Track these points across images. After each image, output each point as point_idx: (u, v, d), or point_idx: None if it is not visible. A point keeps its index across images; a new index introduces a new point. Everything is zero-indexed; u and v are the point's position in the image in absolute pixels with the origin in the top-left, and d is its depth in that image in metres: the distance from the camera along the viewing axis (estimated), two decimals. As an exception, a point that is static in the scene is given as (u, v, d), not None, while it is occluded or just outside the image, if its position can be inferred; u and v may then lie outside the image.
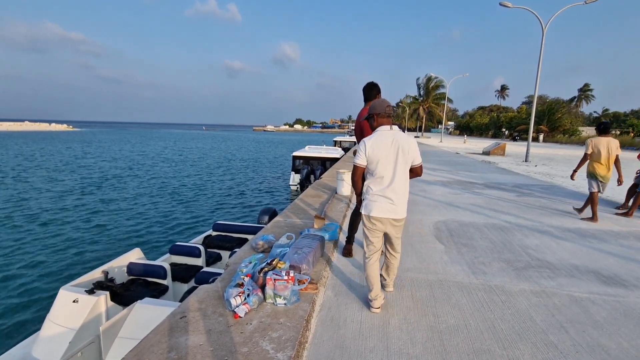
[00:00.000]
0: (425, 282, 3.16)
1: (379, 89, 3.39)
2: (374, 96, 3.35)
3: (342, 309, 2.67)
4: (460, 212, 5.92)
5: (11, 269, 7.76)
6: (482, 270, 3.46)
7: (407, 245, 4.14)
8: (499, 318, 2.57)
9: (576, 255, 3.97)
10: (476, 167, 13.37)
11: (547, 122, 43.74)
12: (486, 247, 4.18)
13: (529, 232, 4.86)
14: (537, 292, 3.01)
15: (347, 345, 2.22)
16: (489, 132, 57.55)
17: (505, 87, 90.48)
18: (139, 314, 3.65)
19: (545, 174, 12.26)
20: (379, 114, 2.53)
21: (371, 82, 3.41)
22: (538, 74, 16.49)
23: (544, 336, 2.35)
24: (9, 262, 8.14)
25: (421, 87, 60.30)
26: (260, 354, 1.92)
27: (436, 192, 7.68)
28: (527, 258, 3.84)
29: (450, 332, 2.38)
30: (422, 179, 9.73)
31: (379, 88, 3.39)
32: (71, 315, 3.84)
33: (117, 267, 4.79)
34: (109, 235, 10.37)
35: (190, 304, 2.46)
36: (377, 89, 3.38)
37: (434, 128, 78.09)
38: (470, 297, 2.89)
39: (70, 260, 8.39)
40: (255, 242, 3.66)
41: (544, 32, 15.90)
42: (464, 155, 20.21)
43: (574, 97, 69.66)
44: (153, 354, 1.90)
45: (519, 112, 58.08)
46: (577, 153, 24.78)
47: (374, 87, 3.38)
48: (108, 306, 4.02)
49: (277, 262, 2.84)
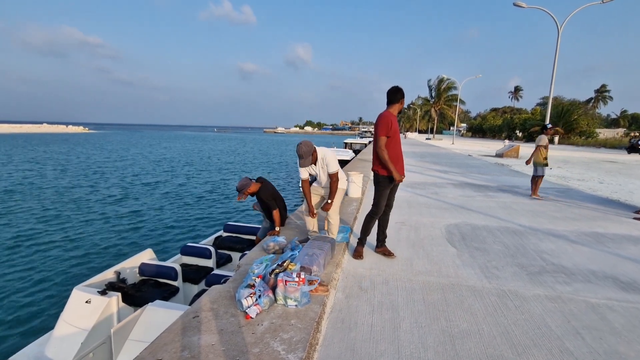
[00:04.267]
0: (437, 286, 3.13)
1: (402, 93, 3.46)
2: (398, 100, 3.44)
3: (352, 311, 2.67)
4: (472, 215, 5.85)
5: (26, 267, 7.98)
6: (495, 275, 3.41)
7: (418, 248, 4.11)
8: (513, 323, 2.53)
9: (593, 260, 3.88)
10: (489, 170, 13.18)
11: (562, 124, 42.84)
12: (499, 250, 4.12)
13: (543, 236, 4.77)
14: (552, 298, 2.95)
15: (357, 348, 2.22)
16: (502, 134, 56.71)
17: (519, 88, 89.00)
18: (149, 317, 3.68)
19: (561, 177, 12.01)
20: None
21: (396, 86, 3.47)
22: (553, 74, 16.19)
23: (560, 342, 2.30)
24: (25, 260, 8.37)
25: (433, 88, 59.77)
26: (271, 355, 1.93)
27: (448, 195, 7.60)
28: (541, 262, 3.77)
29: (463, 336, 2.35)
30: (434, 181, 9.65)
31: (402, 92, 3.46)
32: (84, 315, 3.89)
33: (129, 268, 4.86)
34: (121, 235, 10.54)
35: (203, 304, 2.49)
36: (401, 93, 3.45)
37: (446, 130, 77.33)
38: (483, 302, 2.85)
39: (83, 259, 8.56)
40: (266, 244, 3.68)
41: (559, 32, 15.61)
42: (477, 157, 19.95)
43: (590, 98, 68.07)
44: (167, 353, 1.94)
45: (533, 114, 57.08)
46: (595, 156, 24.22)
47: (398, 92, 3.44)
48: (120, 307, 4.07)
49: (288, 263, 2.86)
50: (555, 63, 15.95)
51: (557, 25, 15.72)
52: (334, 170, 3.66)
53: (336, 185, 3.70)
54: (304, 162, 3.60)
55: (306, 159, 3.58)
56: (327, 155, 3.70)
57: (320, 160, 3.70)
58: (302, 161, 3.60)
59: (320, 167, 3.74)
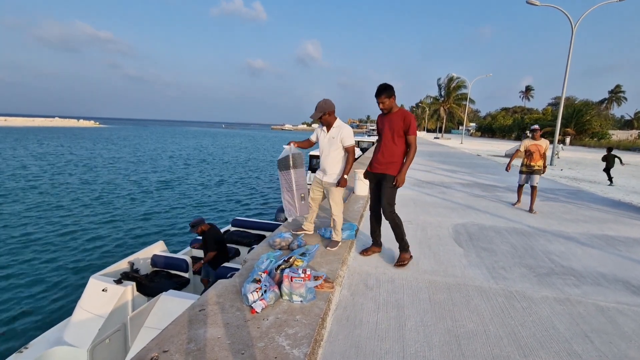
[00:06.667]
0: (443, 285, 3.11)
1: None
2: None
3: (357, 309, 2.66)
4: (480, 215, 5.79)
5: (46, 257, 8.25)
6: (502, 275, 3.38)
7: (424, 247, 4.09)
8: (520, 325, 2.50)
9: (603, 263, 3.81)
10: (498, 170, 13.03)
11: (574, 125, 42.12)
12: (507, 251, 4.07)
13: (552, 237, 4.70)
14: (561, 300, 2.91)
15: (362, 345, 2.22)
16: (512, 134, 56.01)
17: (530, 87, 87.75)
18: (163, 305, 3.79)
19: (572, 178, 11.83)
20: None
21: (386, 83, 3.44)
22: (566, 74, 15.91)
23: (567, 345, 2.27)
24: (44, 250, 8.65)
25: (442, 87, 59.17)
26: (276, 350, 1.94)
27: (455, 195, 7.54)
28: (550, 264, 3.72)
29: (469, 336, 2.34)
30: (441, 181, 9.58)
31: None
32: (100, 303, 4.06)
33: (142, 259, 5.04)
34: (134, 228, 10.89)
35: (209, 298, 2.51)
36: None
37: (455, 129, 76.62)
38: (490, 302, 2.82)
39: (98, 250, 8.91)
40: (272, 240, 3.69)
41: (573, 30, 15.32)
42: (486, 157, 19.75)
43: (604, 99, 66.82)
44: (173, 344, 1.96)
45: (544, 114, 56.25)
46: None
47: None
48: (134, 296, 4.24)
49: (294, 259, 2.87)
50: (569, 62, 15.67)
51: (572, 24, 15.43)
52: (350, 144, 3.46)
53: (352, 157, 3.50)
54: (314, 115, 3.46)
55: (316, 113, 3.43)
56: (346, 128, 3.49)
57: (336, 129, 3.47)
58: (314, 113, 3.46)
59: (332, 136, 3.49)
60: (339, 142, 3.47)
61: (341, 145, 3.48)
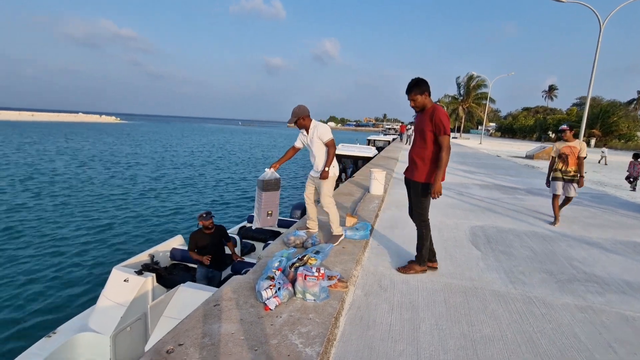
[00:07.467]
0: (459, 289, 3.05)
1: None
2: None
3: (371, 309, 2.65)
4: (499, 217, 5.66)
5: (71, 249, 8.67)
6: (521, 280, 3.29)
7: (440, 249, 4.02)
8: (539, 332, 2.43)
9: (629, 271, 3.66)
10: (518, 171, 12.69)
11: (600, 126, 40.54)
12: (526, 256, 3.96)
13: (575, 242, 4.55)
14: (583, 308, 2.81)
15: (375, 346, 2.20)
16: (533, 135, 54.45)
17: (554, 87, 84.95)
18: (182, 296, 3.93)
19: (596, 181, 11.41)
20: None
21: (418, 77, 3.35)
22: (593, 73, 15.32)
23: (589, 354, 2.19)
24: (73, 243, 9.07)
25: (461, 86, 57.94)
26: (289, 347, 1.95)
27: (474, 196, 7.38)
28: (572, 270, 3.59)
29: (485, 342, 2.29)
30: (459, 182, 9.40)
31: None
32: (122, 292, 4.28)
33: (161, 252, 5.26)
34: (154, 222, 11.37)
35: (224, 293, 2.55)
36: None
37: (474, 129, 75.05)
38: (508, 308, 2.75)
39: (120, 243, 9.34)
40: (287, 237, 3.71)
41: (601, 28, 14.73)
42: (505, 158, 19.26)
43: (632, 100, 64.01)
44: (188, 338, 1.99)
45: (568, 114, 54.41)
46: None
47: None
48: (154, 287, 4.45)
49: (308, 257, 2.87)
50: (596, 61, 15.08)
51: (599, 21, 14.84)
52: (328, 138, 3.65)
53: (333, 151, 3.66)
54: (290, 120, 3.74)
55: (291, 118, 3.70)
56: (320, 126, 3.70)
57: (312, 129, 3.68)
58: (289, 119, 3.75)
59: (311, 137, 3.70)
60: (319, 140, 3.68)
61: (322, 142, 3.70)
